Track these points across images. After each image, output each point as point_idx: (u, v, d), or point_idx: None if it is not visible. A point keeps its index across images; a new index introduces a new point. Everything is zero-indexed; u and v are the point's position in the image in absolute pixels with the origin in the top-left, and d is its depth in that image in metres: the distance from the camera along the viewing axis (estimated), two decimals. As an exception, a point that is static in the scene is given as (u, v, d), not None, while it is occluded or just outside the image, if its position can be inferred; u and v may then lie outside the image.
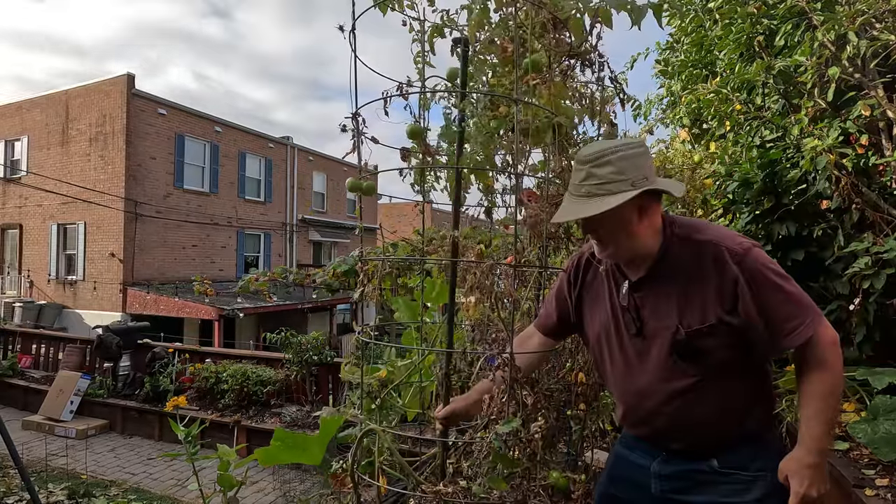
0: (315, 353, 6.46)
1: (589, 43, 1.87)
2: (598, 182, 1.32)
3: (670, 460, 1.43)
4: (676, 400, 1.37)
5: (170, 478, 5.65)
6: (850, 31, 2.50)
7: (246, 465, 2.21)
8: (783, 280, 1.30)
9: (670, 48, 5.41)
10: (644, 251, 1.38)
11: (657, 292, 1.39)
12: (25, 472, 3.04)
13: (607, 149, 1.34)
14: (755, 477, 1.34)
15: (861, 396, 2.25)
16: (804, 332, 1.25)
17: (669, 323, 1.35)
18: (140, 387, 7.30)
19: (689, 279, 1.34)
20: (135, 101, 15.01)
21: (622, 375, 1.47)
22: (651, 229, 1.38)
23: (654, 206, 1.38)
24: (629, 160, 1.32)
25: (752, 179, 2.90)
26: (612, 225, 1.35)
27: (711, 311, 1.30)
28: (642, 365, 1.41)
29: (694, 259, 1.34)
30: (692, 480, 1.38)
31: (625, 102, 2.07)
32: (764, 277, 1.28)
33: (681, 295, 1.35)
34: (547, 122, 1.66)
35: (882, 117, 2.57)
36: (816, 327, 1.26)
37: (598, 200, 1.31)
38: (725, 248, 1.31)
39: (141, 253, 15.08)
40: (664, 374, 1.37)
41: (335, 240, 22.54)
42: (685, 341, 1.33)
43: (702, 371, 1.34)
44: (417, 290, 2.38)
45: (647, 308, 1.40)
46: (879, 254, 2.21)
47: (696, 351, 1.32)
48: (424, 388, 2.24)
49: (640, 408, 1.44)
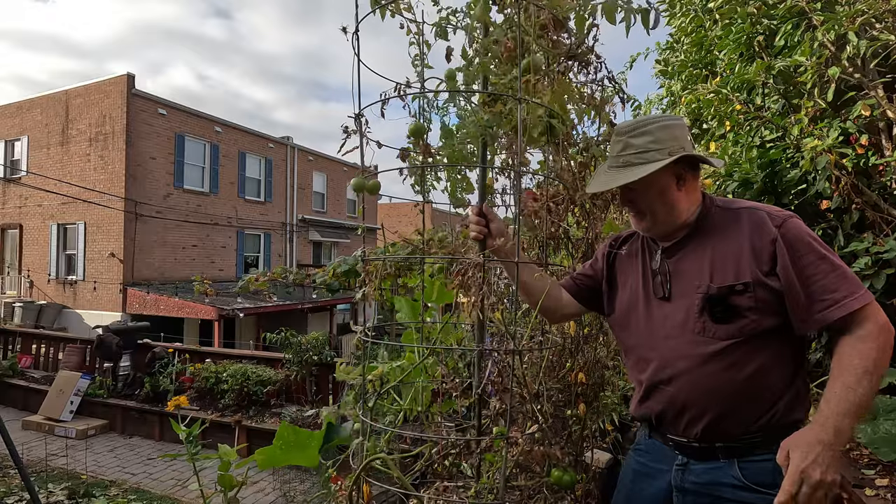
0: (315, 353, 6.46)
1: (586, 45, 1.87)
2: (635, 151, 1.34)
3: (691, 465, 1.31)
4: (701, 366, 1.27)
5: (170, 478, 5.65)
6: (850, 31, 2.50)
7: (246, 465, 2.21)
8: (827, 251, 1.22)
9: (670, 48, 5.41)
10: (681, 222, 1.37)
11: (690, 255, 1.35)
12: (25, 472, 3.04)
13: (645, 120, 1.37)
14: None
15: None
16: (850, 304, 1.15)
17: (699, 282, 1.29)
18: (140, 387, 7.31)
19: (724, 239, 1.30)
20: (135, 101, 15.01)
21: (646, 341, 1.39)
22: (688, 200, 1.37)
23: (692, 177, 1.37)
24: (666, 130, 1.34)
25: (752, 179, 2.90)
26: (650, 193, 1.35)
27: (747, 268, 1.24)
28: (667, 329, 1.34)
29: (732, 222, 1.31)
30: (716, 497, 1.25)
31: (625, 102, 2.07)
32: (806, 243, 1.21)
33: (715, 254, 1.30)
34: (539, 121, 1.66)
35: (882, 117, 2.57)
36: (867, 304, 1.15)
37: (636, 169, 1.32)
38: (766, 213, 1.28)
39: (141, 253, 15.09)
40: (690, 337, 1.29)
41: (335, 240, 22.54)
42: (716, 297, 1.25)
43: (732, 335, 1.24)
44: (418, 290, 2.38)
45: (677, 271, 1.36)
46: (879, 254, 2.21)
47: (728, 309, 1.24)
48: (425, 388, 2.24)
49: (659, 375, 1.34)
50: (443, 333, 2.32)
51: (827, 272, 1.18)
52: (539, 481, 1.69)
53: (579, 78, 1.98)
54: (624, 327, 1.49)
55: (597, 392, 2.06)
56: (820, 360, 2.78)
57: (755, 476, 1.21)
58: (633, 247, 1.52)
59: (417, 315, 2.38)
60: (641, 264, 1.46)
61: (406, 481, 1.64)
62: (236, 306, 13.63)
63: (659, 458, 1.39)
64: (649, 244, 1.47)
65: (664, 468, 1.36)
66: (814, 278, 1.19)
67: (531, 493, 1.69)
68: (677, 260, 1.37)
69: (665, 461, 1.36)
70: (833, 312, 1.16)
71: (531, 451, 1.57)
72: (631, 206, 1.41)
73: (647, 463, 1.42)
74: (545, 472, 1.68)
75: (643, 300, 1.42)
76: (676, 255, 1.38)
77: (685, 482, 1.31)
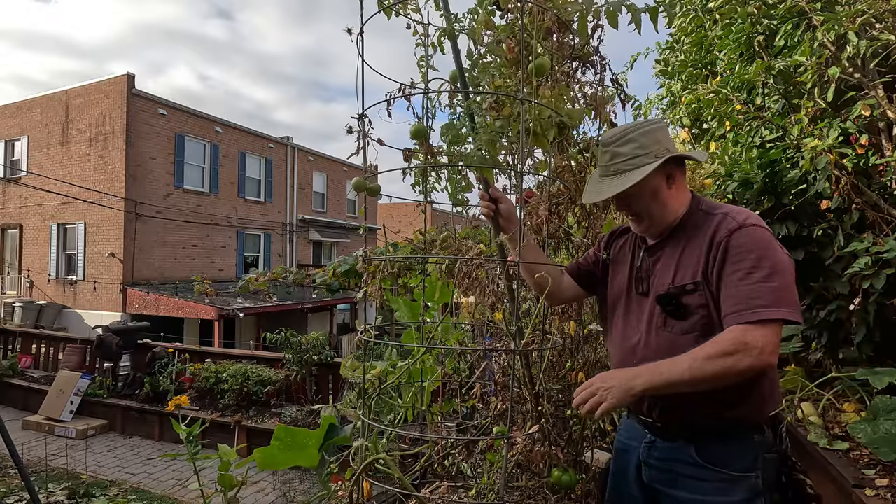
0: (315, 353, 6.46)
1: (591, 45, 1.88)
2: (623, 159, 1.43)
3: (655, 443, 1.45)
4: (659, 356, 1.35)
5: (170, 478, 5.65)
6: (850, 31, 2.50)
7: (246, 465, 2.21)
8: (760, 269, 1.25)
9: (670, 48, 5.41)
10: (672, 219, 1.45)
11: (666, 255, 1.45)
12: (25, 472, 3.04)
13: (627, 128, 1.45)
14: (737, 477, 1.32)
15: (861, 396, 2.25)
16: (731, 321, 1.24)
17: (666, 281, 1.41)
18: (140, 387, 7.31)
19: (694, 240, 1.40)
20: (135, 101, 15.01)
21: (622, 333, 1.52)
22: (678, 198, 1.46)
23: (680, 174, 1.46)
24: (649, 135, 1.42)
25: (752, 179, 2.90)
26: (645, 197, 1.44)
27: (700, 269, 1.35)
28: (639, 324, 1.47)
29: (705, 225, 1.39)
30: (675, 473, 1.39)
31: (625, 103, 2.07)
32: (740, 254, 1.28)
33: (683, 255, 1.41)
34: (549, 122, 1.66)
35: (882, 117, 2.57)
36: (735, 322, 1.23)
37: (627, 175, 1.41)
38: (729, 217, 1.35)
39: (141, 253, 15.08)
40: (654, 331, 1.42)
41: (335, 240, 22.54)
42: (666, 296, 1.38)
43: (686, 330, 1.36)
44: (418, 290, 2.38)
45: (655, 269, 1.47)
46: (879, 254, 2.21)
47: (681, 307, 1.36)
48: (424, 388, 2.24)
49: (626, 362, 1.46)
50: (443, 333, 2.32)
51: (738, 286, 1.25)
52: (539, 482, 1.69)
53: (583, 79, 1.98)
54: (609, 316, 1.61)
55: (597, 392, 2.06)
56: (820, 360, 2.77)
57: (709, 456, 1.35)
58: (628, 241, 1.62)
59: (417, 315, 2.38)
60: (630, 259, 1.57)
61: (407, 481, 1.64)
62: (236, 306, 13.63)
63: (633, 435, 1.52)
64: (638, 241, 1.57)
65: (635, 445, 1.50)
66: (726, 289, 1.28)
67: (531, 493, 1.69)
68: (656, 259, 1.48)
69: (636, 438, 1.50)
70: (727, 321, 1.26)
71: (531, 451, 1.57)
72: (628, 210, 1.50)
73: (623, 440, 1.57)
74: (546, 472, 1.68)
75: (626, 294, 1.54)
76: (656, 254, 1.48)
77: (650, 458, 1.45)
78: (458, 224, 2.76)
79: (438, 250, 1.82)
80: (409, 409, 2.26)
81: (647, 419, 1.46)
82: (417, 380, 2.24)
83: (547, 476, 1.67)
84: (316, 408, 5.85)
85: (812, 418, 2.16)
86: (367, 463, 1.64)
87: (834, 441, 2.01)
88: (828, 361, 2.71)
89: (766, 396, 1.37)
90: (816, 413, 2.19)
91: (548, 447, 1.64)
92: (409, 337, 2.44)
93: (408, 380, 2.22)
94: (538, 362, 1.91)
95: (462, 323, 2.50)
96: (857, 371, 2.25)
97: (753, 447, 1.35)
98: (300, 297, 15.13)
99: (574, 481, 1.66)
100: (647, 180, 1.39)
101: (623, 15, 1.75)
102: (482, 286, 1.66)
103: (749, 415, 1.35)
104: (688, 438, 1.38)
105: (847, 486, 1.73)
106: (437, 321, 2.32)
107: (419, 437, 2.14)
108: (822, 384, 2.39)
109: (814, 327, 2.73)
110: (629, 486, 1.52)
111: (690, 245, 1.40)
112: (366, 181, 1.74)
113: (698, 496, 1.34)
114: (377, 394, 2.05)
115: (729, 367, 1.20)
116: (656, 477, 1.44)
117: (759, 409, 1.37)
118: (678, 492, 1.38)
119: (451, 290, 2.12)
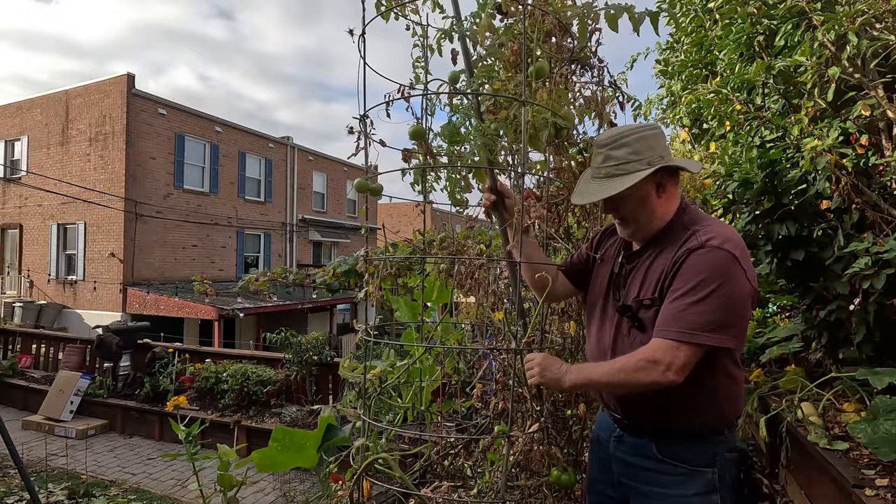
0: (315, 353, 6.46)
1: (589, 48, 1.88)
2: (615, 163, 1.42)
3: (623, 439, 1.51)
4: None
5: (170, 478, 5.65)
6: (850, 31, 2.49)
7: (246, 465, 2.21)
8: (697, 291, 1.28)
9: (670, 48, 5.41)
10: (658, 226, 1.45)
11: (639, 265, 1.47)
12: (25, 471, 3.04)
13: (623, 132, 1.44)
14: (694, 471, 1.38)
15: (861, 396, 2.25)
16: (654, 335, 1.31)
17: (633, 293, 1.45)
18: (140, 387, 7.31)
19: (664, 253, 1.41)
20: (135, 101, 15.01)
21: (596, 335, 1.57)
22: (666, 206, 1.45)
23: (671, 183, 1.45)
24: (644, 141, 1.41)
25: (752, 179, 2.89)
26: (633, 203, 1.44)
27: (659, 284, 1.37)
28: (611, 328, 1.51)
29: (675, 241, 1.39)
30: (639, 468, 1.45)
31: (624, 104, 2.08)
32: (687, 274, 1.30)
33: (651, 267, 1.43)
34: (544, 123, 1.66)
35: (882, 117, 2.57)
36: (663, 340, 1.29)
37: (617, 180, 1.41)
38: (696, 237, 1.35)
39: (141, 253, 15.08)
40: (621, 337, 1.47)
41: (335, 240, 22.54)
42: (625, 307, 1.43)
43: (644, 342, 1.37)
44: (417, 290, 2.38)
45: (630, 278, 1.49)
46: (879, 254, 2.20)
47: (638, 320, 1.41)
48: (423, 388, 2.24)
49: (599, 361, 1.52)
50: (443, 333, 2.32)
51: (674, 305, 1.29)
52: (539, 481, 1.69)
53: (581, 80, 1.99)
54: (588, 315, 1.65)
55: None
56: (820, 360, 2.77)
57: (669, 452, 1.41)
58: (615, 243, 1.63)
59: (416, 315, 2.38)
60: (612, 263, 1.59)
61: (408, 480, 1.64)
62: (236, 306, 13.63)
63: (606, 428, 1.58)
64: (622, 245, 1.58)
65: (607, 438, 1.56)
66: (666, 304, 1.32)
67: (531, 492, 1.69)
68: (632, 267, 1.50)
69: (608, 432, 1.56)
70: (653, 335, 1.32)
71: (531, 451, 1.58)
72: (615, 213, 1.51)
73: (598, 433, 1.63)
74: (545, 471, 1.68)
75: (604, 296, 1.58)
76: (633, 262, 1.50)
77: (618, 451, 1.51)
78: (458, 224, 2.76)
79: (437, 250, 1.83)
80: (409, 409, 2.26)
81: (616, 415, 1.53)
82: (417, 380, 2.24)
83: (546, 475, 1.68)
84: (316, 408, 5.85)
85: (812, 418, 2.16)
86: (367, 462, 1.64)
87: (834, 441, 2.01)
88: (828, 361, 2.70)
89: (723, 404, 1.42)
90: (816, 413, 2.19)
91: (547, 446, 1.65)
92: (408, 337, 2.44)
93: (407, 379, 2.22)
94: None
95: (461, 323, 2.50)
96: (857, 371, 2.24)
97: (712, 445, 1.41)
98: (300, 297, 15.13)
99: (573, 481, 1.66)
100: (636, 187, 1.39)
101: (623, 17, 1.75)
102: (483, 286, 1.66)
103: (711, 420, 1.41)
104: (652, 435, 1.44)
105: (847, 486, 1.73)
106: (436, 321, 2.32)
107: (419, 437, 2.14)
108: (822, 384, 2.39)
109: (814, 327, 2.72)
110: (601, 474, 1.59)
111: (659, 259, 1.41)
112: (367, 181, 1.74)
113: (656, 488, 1.41)
114: (377, 394, 2.06)
115: (635, 379, 1.30)
116: (624, 471, 1.49)
117: (719, 415, 1.43)
118: (638, 484, 1.45)
119: (451, 290, 2.12)
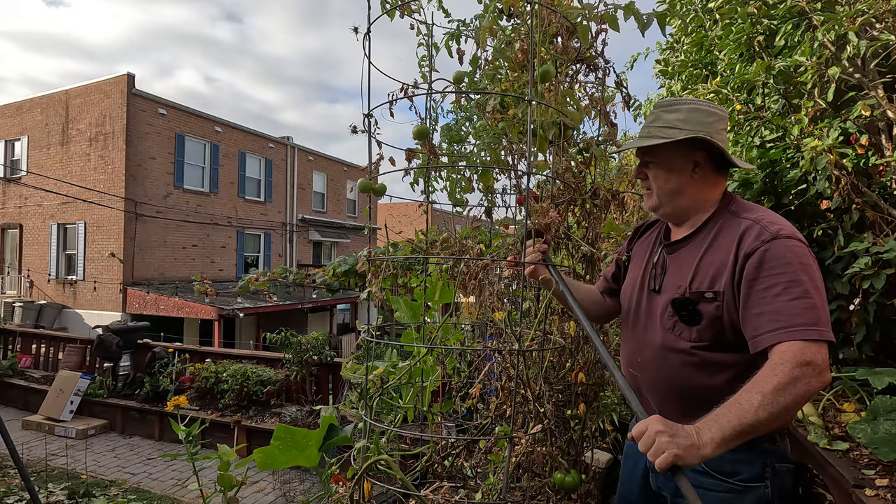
0: (315, 353, 6.46)
1: (595, 49, 1.88)
2: (661, 125, 1.37)
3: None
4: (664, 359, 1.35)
5: (170, 478, 5.65)
6: (850, 31, 2.49)
7: (246, 465, 2.21)
8: (799, 285, 1.15)
9: (670, 48, 5.41)
10: (689, 210, 1.40)
11: (684, 255, 1.38)
12: (25, 471, 3.04)
13: (683, 100, 1.40)
14: (747, 488, 1.25)
15: (861, 396, 2.25)
16: (764, 341, 1.15)
17: (681, 283, 1.34)
18: (140, 387, 7.31)
19: (717, 245, 1.31)
20: (135, 101, 15.00)
21: (633, 327, 1.48)
22: (701, 191, 1.38)
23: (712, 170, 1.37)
24: (697, 113, 1.35)
25: (752, 179, 2.90)
26: (662, 172, 1.39)
27: (723, 278, 1.25)
28: (649, 321, 1.42)
29: (731, 230, 1.30)
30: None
31: (628, 104, 2.07)
32: (776, 268, 1.17)
33: (703, 259, 1.33)
34: (550, 124, 1.67)
35: (882, 117, 2.57)
36: (782, 339, 1.12)
37: (655, 139, 1.36)
38: (760, 227, 1.24)
39: (141, 253, 15.08)
40: (662, 332, 1.36)
41: (335, 240, 22.54)
42: (681, 301, 1.31)
43: (695, 338, 1.30)
44: (418, 290, 2.38)
45: (671, 267, 1.41)
46: (879, 254, 2.20)
47: (695, 314, 1.29)
48: (425, 388, 2.24)
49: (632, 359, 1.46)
50: (443, 333, 2.32)
51: (767, 305, 1.16)
52: (541, 482, 1.69)
53: (585, 80, 1.99)
54: (624, 313, 1.56)
55: (597, 392, 2.07)
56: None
57: (714, 464, 1.27)
58: (651, 235, 1.58)
59: (417, 315, 2.38)
60: (649, 253, 1.52)
61: (408, 481, 1.64)
62: (236, 306, 13.63)
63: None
64: (661, 236, 1.52)
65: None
66: (753, 308, 1.18)
67: (533, 494, 1.69)
68: (674, 257, 1.42)
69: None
70: (754, 346, 1.18)
71: (533, 452, 1.57)
72: (643, 180, 1.45)
73: (631, 445, 1.50)
74: (548, 472, 1.68)
75: (639, 288, 1.49)
76: (675, 252, 1.42)
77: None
78: (458, 224, 2.77)
79: (439, 250, 1.82)
80: (410, 409, 2.26)
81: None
82: (418, 380, 2.24)
83: (549, 477, 1.67)
84: (316, 408, 5.85)
85: (812, 418, 2.16)
86: (369, 463, 1.64)
87: (834, 441, 2.01)
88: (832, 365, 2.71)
89: None
90: (816, 413, 2.19)
91: (549, 447, 1.65)
92: (409, 337, 2.44)
93: (408, 380, 2.22)
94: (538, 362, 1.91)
95: (462, 323, 2.50)
96: (857, 371, 2.25)
97: (763, 455, 1.27)
98: (300, 297, 15.13)
99: (577, 483, 1.65)
100: (670, 155, 1.35)
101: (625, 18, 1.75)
102: (486, 286, 1.66)
103: None
104: None
105: (847, 486, 1.73)
106: (437, 321, 2.32)
107: (420, 438, 2.14)
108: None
109: (814, 327, 2.72)
110: (636, 493, 1.49)
111: (713, 249, 1.31)
112: (371, 182, 1.74)
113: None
114: (378, 394, 2.06)
115: (800, 393, 1.07)
116: (664, 484, 1.41)
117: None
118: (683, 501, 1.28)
119: (452, 291, 2.12)
